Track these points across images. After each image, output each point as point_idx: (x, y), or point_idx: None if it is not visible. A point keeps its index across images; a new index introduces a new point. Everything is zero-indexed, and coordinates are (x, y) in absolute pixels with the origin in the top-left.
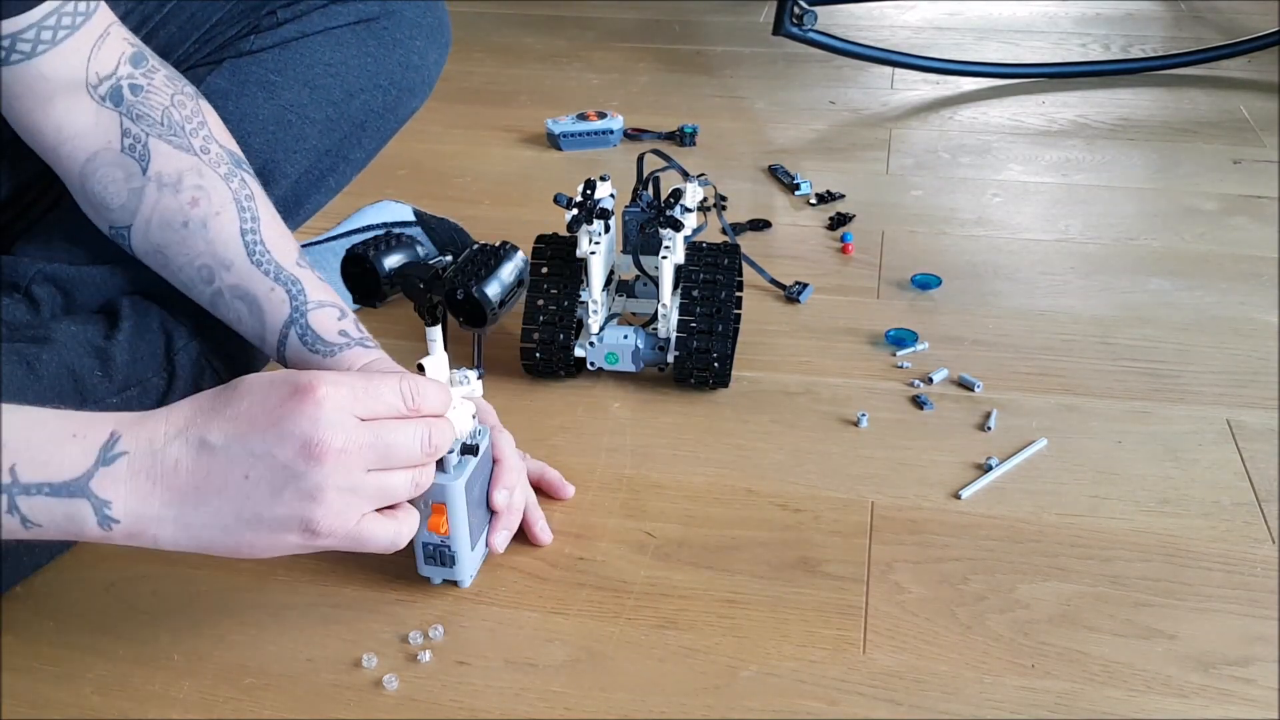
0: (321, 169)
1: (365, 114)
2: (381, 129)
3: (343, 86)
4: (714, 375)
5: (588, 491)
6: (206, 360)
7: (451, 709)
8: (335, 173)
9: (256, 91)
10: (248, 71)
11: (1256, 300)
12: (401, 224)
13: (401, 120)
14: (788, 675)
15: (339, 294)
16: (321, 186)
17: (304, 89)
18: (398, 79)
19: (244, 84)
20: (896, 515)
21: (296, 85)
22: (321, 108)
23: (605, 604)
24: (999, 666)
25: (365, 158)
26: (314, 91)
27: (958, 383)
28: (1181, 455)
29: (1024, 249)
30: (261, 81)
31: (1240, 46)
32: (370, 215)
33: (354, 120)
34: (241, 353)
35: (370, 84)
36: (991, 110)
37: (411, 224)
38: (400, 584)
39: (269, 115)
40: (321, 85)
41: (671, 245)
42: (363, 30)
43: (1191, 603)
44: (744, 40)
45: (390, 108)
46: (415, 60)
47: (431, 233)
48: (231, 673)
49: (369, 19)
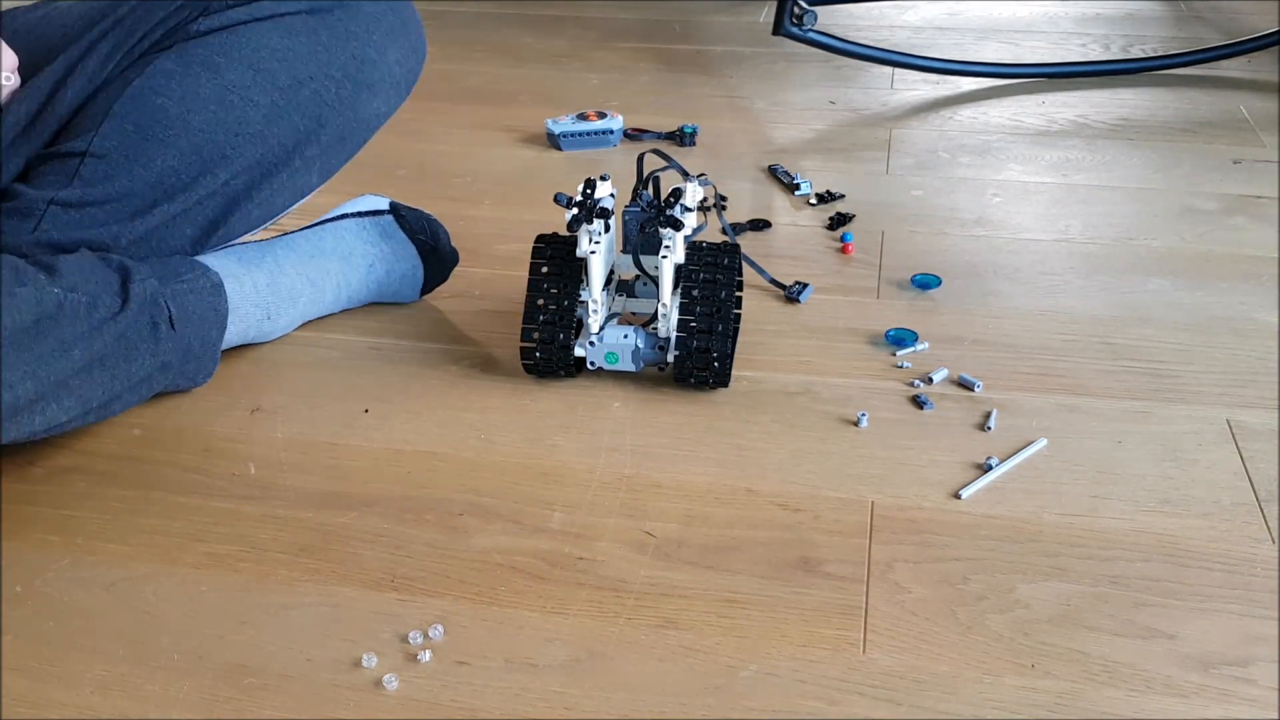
0: (274, 160)
1: (318, 105)
2: (341, 125)
3: (289, 72)
4: (714, 375)
5: (588, 491)
6: (164, 302)
7: (451, 709)
8: (288, 167)
9: (200, 71)
10: (193, 53)
11: (1256, 300)
12: (375, 212)
13: (363, 118)
14: (788, 675)
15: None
16: (274, 180)
17: (248, 70)
18: (351, 72)
19: (188, 64)
20: (896, 515)
21: (240, 66)
22: (266, 91)
23: (605, 604)
24: (999, 666)
25: (327, 156)
26: (258, 74)
27: (958, 383)
28: (1181, 455)
29: (1024, 249)
30: (205, 62)
31: (1240, 46)
32: (346, 206)
33: (305, 110)
34: (200, 309)
35: (320, 73)
36: (991, 110)
37: (384, 212)
38: (400, 584)
39: (210, 94)
40: (266, 69)
41: (671, 245)
42: (314, 19)
43: (1191, 603)
44: (744, 40)
45: (346, 102)
46: (372, 55)
47: (402, 220)
48: (231, 673)
49: (322, 10)
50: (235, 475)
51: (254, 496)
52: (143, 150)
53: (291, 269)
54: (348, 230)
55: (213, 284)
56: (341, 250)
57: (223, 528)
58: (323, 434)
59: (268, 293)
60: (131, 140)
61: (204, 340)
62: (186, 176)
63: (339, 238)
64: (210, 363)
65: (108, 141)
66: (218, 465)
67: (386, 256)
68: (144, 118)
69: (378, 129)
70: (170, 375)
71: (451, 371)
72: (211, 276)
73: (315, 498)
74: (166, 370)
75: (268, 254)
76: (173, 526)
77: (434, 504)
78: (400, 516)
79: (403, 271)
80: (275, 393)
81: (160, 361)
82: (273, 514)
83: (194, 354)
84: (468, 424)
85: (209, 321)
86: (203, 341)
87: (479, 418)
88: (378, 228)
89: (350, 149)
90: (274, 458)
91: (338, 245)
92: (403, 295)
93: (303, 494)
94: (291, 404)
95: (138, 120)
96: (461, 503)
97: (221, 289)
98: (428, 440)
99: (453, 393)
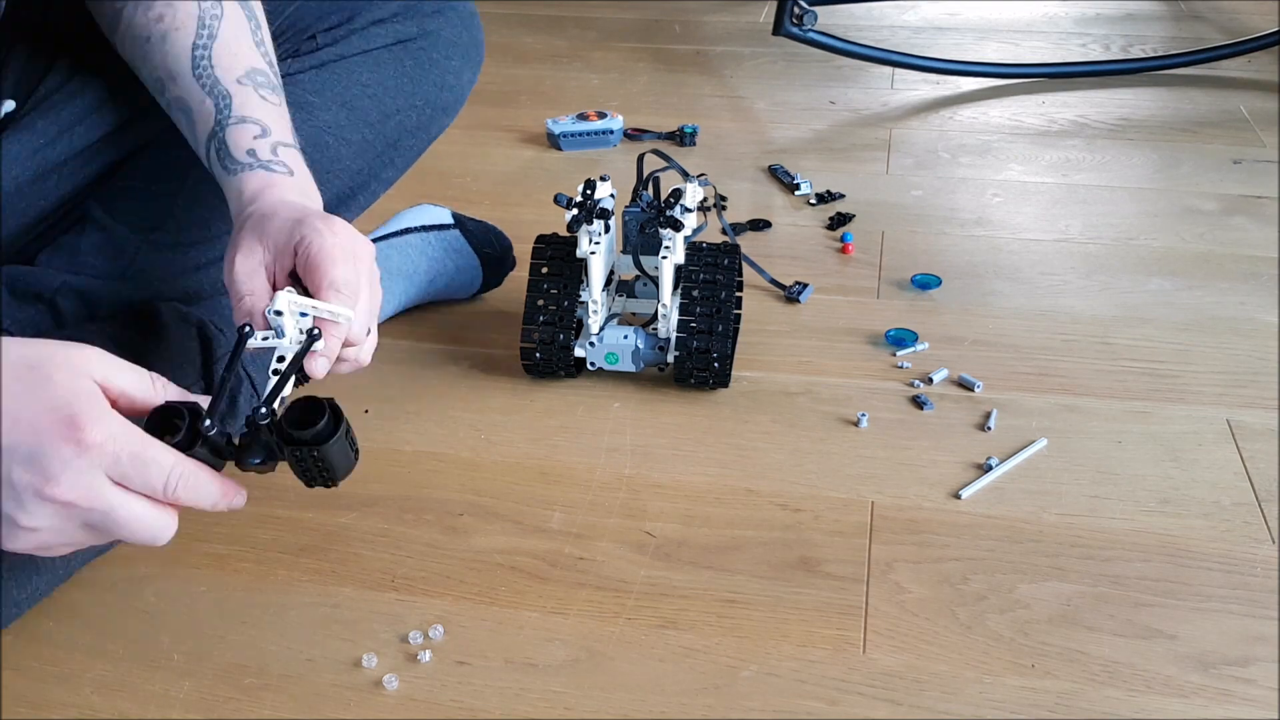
0: (353, 188)
1: (399, 133)
2: (413, 147)
3: (379, 107)
4: (714, 375)
5: (588, 491)
6: (245, 371)
7: (451, 709)
8: (366, 191)
9: (294, 113)
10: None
11: (1256, 300)
12: (439, 226)
13: (432, 138)
14: (788, 675)
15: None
16: (351, 204)
17: (341, 110)
18: (433, 99)
19: None
20: (896, 515)
21: (334, 106)
22: (358, 129)
23: (605, 604)
24: (999, 666)
25: (395, 176)
26: (351, 112)
27: (958, 383)
28: (1181, 455)
29: (1024, 249)
30: (299, 103)
31: (1240, 46)
32: (408, 219)
33: (388, 140)
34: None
35: (406, 104)
36: (991, 110)
37: (449, 226)
38: (400, 584)
39: (306, 136)
40: (359, 106)
41: (671, 245)
42: (400, 51)
43: (1191, 603)
44: (744, 40)
45: (423, 126)
46: (450, 80)
47: (470, 235)
48: (231, 673)
49: (407, 39)
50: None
51: (254, 496)
52: None
53: None
54: (413, 247)
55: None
56: (406, 269)
57: (223, 528)
58: None
59: None
60: None
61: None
62: None
63: (405, 255)
64: None
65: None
66: None
67: (449, 271)
68: None
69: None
70: None
71: (451, 371)
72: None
73: (315, 498)
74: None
75: None
76: None
77: (434, 504)
78: (400, 516)
79: (462, 282)
80: None
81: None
82: (273, 514)
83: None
84: (468, 424)
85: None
86: None
87: (479, 418)
88: (443, 242)
89: (412, 163)
90: None
91: (403, 263)
92: (454, 297)
93: (303, 494)
94: None
95: None
96: (461, 503)
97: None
98: (428, 440)
99: (453, 393)
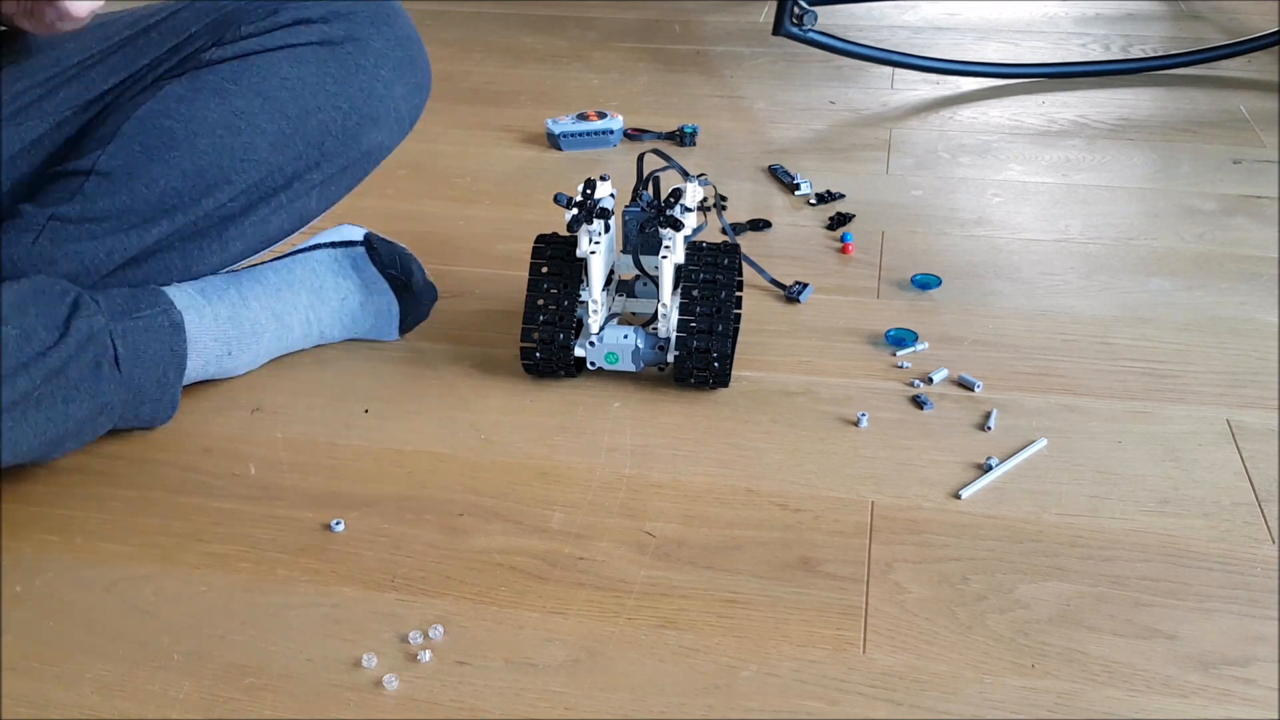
0: (273, 184)
1: (322, 134)
2: (342, 155)
3: (297, 101)
4: (714, 375)
5: (588, 491)
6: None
7: (451, 709)
8: (289, 190)
9: (209, 97)
10: (204, 79)
11: (1256, 300)
12: (347, 243)
13: (366, 152)
14: (788, 675)
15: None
16: (272, 201)
17: (256, 98)
18: (358, 104)
19: (199, 90)
20: (896, 515)
21: (249, 94)
22: (274, 119)
23: (605, 604)
24: (999, 666)
25: (328, 185)
26: (266, 102)
27: (958, 383)
28: (1181, 455)
29: (1024, 249)
30: (215, 88)
31: (1240, 46)
32: (321, 237)
33: (310, 139)
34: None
35: (328, 103)
36: (991, 110)
37: (357, 244)
38: (400, 584)
39: (218, 119)
40: (275, 97)
41: (671, 245)
42: (325, 51)
43: (1191, 603)
44: (744, 40)
45: (350, 133)
46: (379, 90)
47: (373, 253)
48: (231, 673)
49: (333, 41)
50: (235, 475)
51: (254, 496)
52: (146, 169)
53: (256, 302)
54: (319, 262)
55: (172, 323)
56: (312, 283)
57: (223, 528)
58: (323, 434)
59: (229, 325)
60: (137, 159)
61: (159, 382)
62: (188, 197)
63: (309, 269)
64: (169, 405)
65: (113, 160)
66: (218, 465)
67: (359, 290)
68: (151, 138)
69: (380, 162)
70: (118, 416)
71: (451, 371)
72: (172, 315)
73: (315, 498)
74: (110, 412)
75: (233, 285)
76: (173, 526)
77: (434, 504)
78: (400, 516)
79: (378, 307)
80: (275, 393)
81: (101, 402)
82: (273, 514)
83: (148, 396)
84: (468, 424)
85: (165, 363)
86: (157, 383)
87: (479, 418)
88: (350, 259)
89: (352, 179)
90: (274, 458)
91: (308, 278)
92: (381, 332)
93: (303, 494)
94: (291, 404)
95: (144, 141)
96: (461, 503)
97: (181, 329)
98: (428, 440)
99: (453, 393)
